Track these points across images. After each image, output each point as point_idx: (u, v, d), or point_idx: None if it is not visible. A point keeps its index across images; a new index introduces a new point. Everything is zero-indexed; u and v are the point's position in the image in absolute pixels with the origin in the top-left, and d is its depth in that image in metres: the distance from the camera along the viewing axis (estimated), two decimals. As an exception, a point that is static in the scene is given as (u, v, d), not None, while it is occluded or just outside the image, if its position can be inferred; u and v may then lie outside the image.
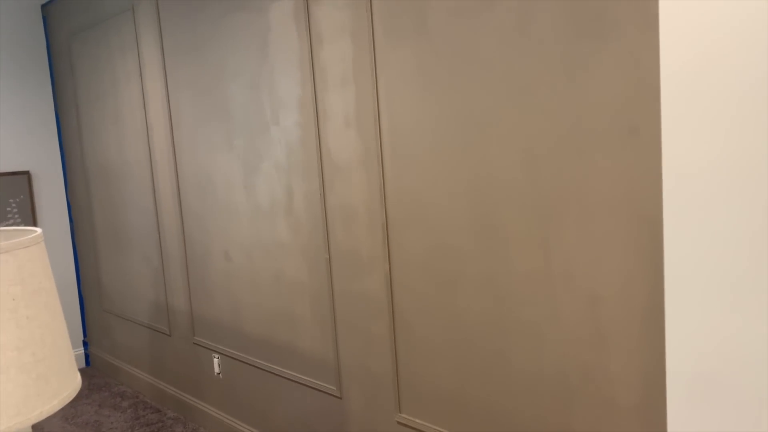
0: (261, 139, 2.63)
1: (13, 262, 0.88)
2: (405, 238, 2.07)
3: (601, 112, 1.53)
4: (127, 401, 3.78)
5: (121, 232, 3.84)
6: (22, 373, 0.86)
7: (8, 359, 0.85)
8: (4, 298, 0.86)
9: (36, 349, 0.89)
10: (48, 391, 0.90)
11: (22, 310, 0.88)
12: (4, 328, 0.85)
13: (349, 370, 2.39)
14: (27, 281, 0.90)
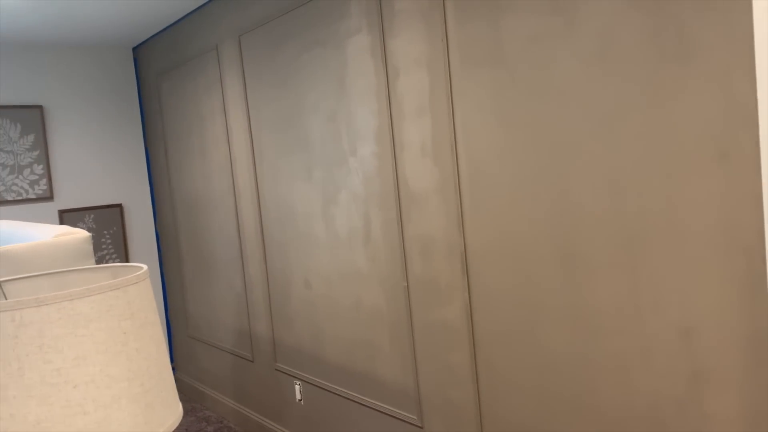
0: (339, 169, 2.70)
1: (123, 297, 0.94)
2: (485, 268, 2.06)
3: (690, 136, 1.49)
4: (212, 426, 3.89)
5: (207, 260, 4.00)
6: (132, 403, 0.92)
7: (120, 390, 0.90)
8: (116, 332, 0.92)
9: (144, 380, 0.94)
10: (155, 420, 0.95)
11: (131, 343, 0.94)
12: (116, 360, 0.91)
13: (430, 400, 2.38)
14: (136, 316, 0.96)
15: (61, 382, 0.85)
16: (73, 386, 0.86)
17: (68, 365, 0.86)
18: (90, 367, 0.87)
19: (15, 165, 4.06)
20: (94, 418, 0.87)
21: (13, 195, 4.05)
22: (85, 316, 0.88)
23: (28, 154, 4.11)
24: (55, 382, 0.85)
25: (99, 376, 0.88)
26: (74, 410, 0.85)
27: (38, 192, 4.13)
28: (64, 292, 0.86)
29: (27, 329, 0.84)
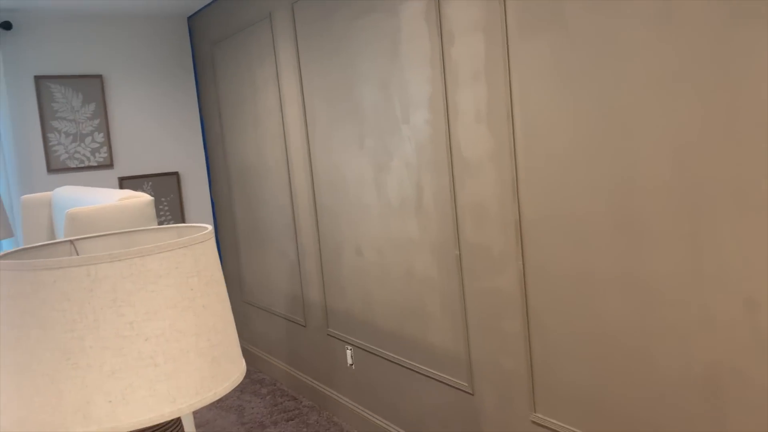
0: (391, 137, 2.69)
1: (190, 255, 0.97)
2: (540, 236, 2.04)
3: (758, 101, 1.43)
4: (266, 388, 4.01)
5: (260, 228, 4.08)
6: (199, 357, 0.95)
7: (188, 344, 0.94)
8: (184, 288, 0.95)
9: (211, 335, 0.97)
10: (221, 375, 0.98)
11: (198, 300, 0.97)
12: (185, 316, 0.94)
13: (481, 367, 2.39)
14: (202, 273, 0.99)
15: (134, 335, 0.89)
16: (145, 339, 0.89)
17: (140, 319, 0.89)
18: (160, 321, 0.91)
19: (77, 133, 4.20)
20: (164, 369, 0.90)
21: (76, 162, 4.20)
22: (155, 272, 0.91)
23: (89, 123, 4.24)
24: (128, 335, 0.89)
25: (168, 330, 0.91)
26: (146, 362, 0.89)
27: (99, 159, 4.27)
28: (135, 249, 0.90)
29: (101, 284, 0.88)
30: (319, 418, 3.47)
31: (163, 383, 0.89)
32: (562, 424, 2.07)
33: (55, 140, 4.13)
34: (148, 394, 0.88)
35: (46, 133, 4.10)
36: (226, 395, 3.91)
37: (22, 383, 0.88)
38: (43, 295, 0.87)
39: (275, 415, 3.55)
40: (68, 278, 0.87)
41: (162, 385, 0.89)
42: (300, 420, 3.46)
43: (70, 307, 0.87)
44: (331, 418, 3.45)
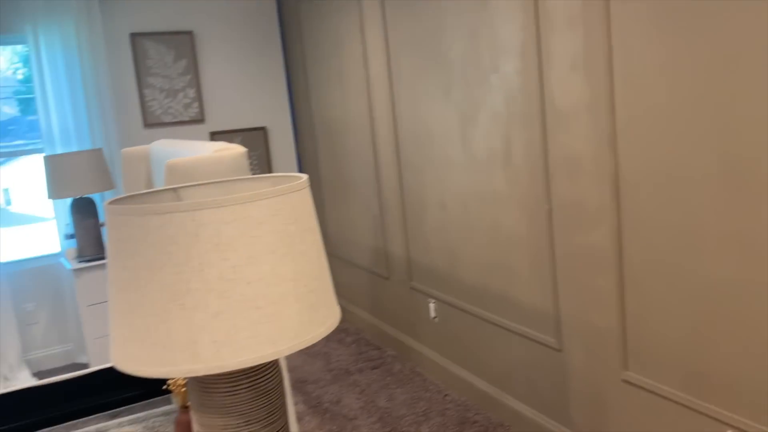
0: (479, 88, 2.62)
1: (288, 203, 0.98)
2: (638, 190, 1.94)
3: None
4: (351, 337, 4.11)
5: (345, 182, 4.12)
6: (298, 302, 0.97)
7: (287, 288, 0.96)
8: (283, 235, 0.96)
9: (308, 281, 0.99)
10: (318, 319, 1.00)
11: (296, 246, 0.98)
12: (284, 261, 0.96)
13: (570, 323, 2.34)
14: (299, 221, 1.00)
15: (237, 279, 0.91)
16: (247, 283, 0.92)
17: (242, 263, 0.91)
18: (261, 266, 0.93)
19: (170, 89, 4.35)
20: (266, 312, 0.93)
21: (170, 117, 4.36)
22: (256, 218, 0.93)
23: (181, 79, 4.37)
24: (231, 278, 0.91)
25: (269, 274, 0.93)
26: (248, 304, 0.92)
27: (191, 114, 4.42)
28: (236, 195, 0.91)
29: (206, 229, 0.90)
30: (402, 367, 3.53)
31: (264, 325, 0.92)
32: (656, 383, 2.00)
33: (150, 96, 4.29)
34: (250, 336, 0.91)
35: (142, 89, 4.26)
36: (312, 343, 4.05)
37: (134, 322, 0.92)
38: (151, 238, 0.90)
39: (360, 363, 3.64)
40: (175, 223, 0.90)
41: (263, 328, 0.92)
42: (384, 369, 3.54)
43: (177, 251, 0.90)
44: (414, 368, 3.51)
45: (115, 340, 0.96)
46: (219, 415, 1.00)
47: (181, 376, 0.89)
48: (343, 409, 3.11)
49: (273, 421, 1.03)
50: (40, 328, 4.17)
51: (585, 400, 2.34)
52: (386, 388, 3.30)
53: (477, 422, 2.85)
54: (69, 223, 4.05)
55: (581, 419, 2.37)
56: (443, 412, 2.97)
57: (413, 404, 3.08)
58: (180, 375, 0.90)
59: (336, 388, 3.36)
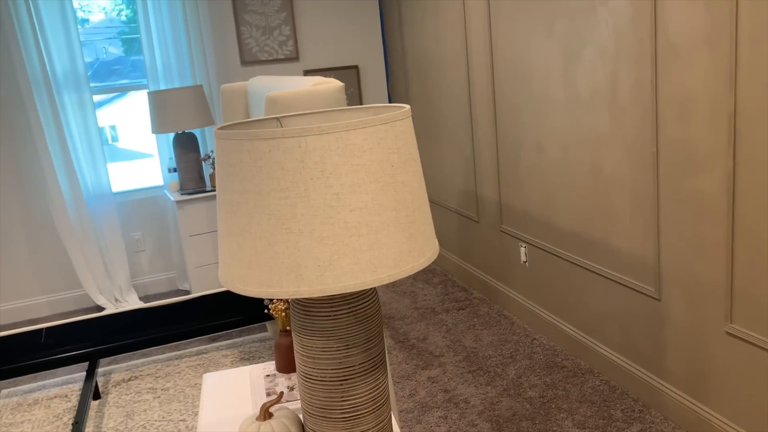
0: (584, 21, 2.47)
1: (391, 132, 0.97)
2: (758, 131, 1.79)
3: None
4: (438, 278, 4.14)
5: (436, 122, 4.06)
6: (398, 231, 0.97)
7: (388, 218, 0.95)
8: (385, 164, 0.96)
9: (409, 212, 0.98)
10: (417, 250, 0.99)
11: (398, 176, 0.97)
12: (386, 191, 0.95)
13: (671, 273, 2.24)
14: (401, 150, 0.98)
15: (340, 206, 0.92)
16: (350, 210, 0.92)
17: (345, 191, 0.92)
18: (363, 194, 0.93)
19: (266, 26, 4.39)
20: (367, 240, 0.93)
21: (265, 55, 4.42)
22: (359, 147, 0.92)
23: (277, 16, 4.40)
24: (334, 205, 0.92)
25: (371, 203, 0.93)
26: (350, 231, 0.92)
27: (286, 52, 4.45)
28: (341, 122, 0.91)
29: (311, 155, 0.91)
30: (489, 310, 3.53)
31: (365, 253, 0.93)
32: (764, 337, 1.89)
33: (247, 33, 4.35)
34: (352, 262, 0.92)
35: (239, 26, 4.33)
36: (400, 281, 4.11)
37: (243, 244, 0.95)
38: (260, 163, 0.92)
39: (446, 304, 3.67)
40: (282, 149, 0.91)
41: (365, 255, 0.93)
42: (470, 310, 3.55)
43: (284, 176, 0.91)
44: (501, 311, 3.50)
45: (224, 262, 1.00)
46: (319, 338, 1.03)
47: (286, 297, 0.92)
48: (429, 346, 3.16)
49: (371, 347, 1.05)
50: (147, 255, 4.45)
51: (684, 351, 2.25)
52: (472, 328, 3.31)
53: (565, 367, 2.82)
54: (172, 157, 4.24)
55: (679, 371, 2.30)
56: (530, 356, 2.96)
57: (500, 346, 3.09)
58: (285, 296, 0.93)
59: (423, 326, 3.41)
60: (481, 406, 2.58)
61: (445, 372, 2.89)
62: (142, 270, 4.46)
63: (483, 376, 2.81)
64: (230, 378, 1.56)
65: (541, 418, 2.45)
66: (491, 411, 2.54)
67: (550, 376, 2.76)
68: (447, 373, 2.87)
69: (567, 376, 2.75)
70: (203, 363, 3.26)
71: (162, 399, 2.91)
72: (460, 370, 2.89)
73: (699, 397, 2.21)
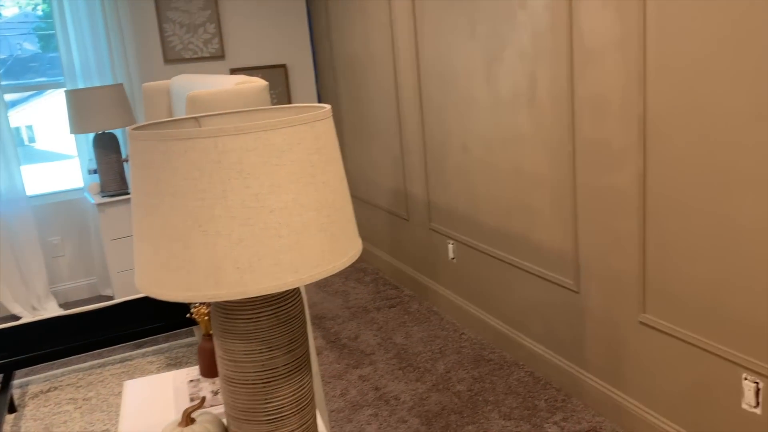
0: (505, 24, 2.54)
1: (311, 132, 0.97)
2: (666, 130, 1.90)
3: None
4: (369, 276, 4.16)
5: (365, 121, 4.08)
6: (320, 231, 0.97)
7: (309, 218, 0.96)
8: (306, 164, 0.96)
9: (330, 211, 0.99)
10: (339, 250, 1.00)
11: (319, 176, 0.97)
12: (306, 191, 0.96)
13: (589, 265, 2.34)
14: (322, 150, 0.99)
15: (259, 207, 0.91)
16: (270, 211, 0.92)
17: (265, 191, 0.91)
18: (284, 194, 0.92)
19: (191, 24, 4.29)
20: (287, 241, 0.93)
21: (190, 53, 4.31)
22: (278, 147, 0.92)
23: (202, 14, 4.30)
24: (253, 206, 0.91)
25: (291, 203, 0.93)
26: (270, 233, 0.92)
27: (211, 50, 4.36)
28: (259, 122, 0.90)
29: (228, 156, 0.90)
30: (419, 306, 3.58)
31: (286, 254, 0.92)
32: (674, 326, 2.01)
33: (170, 31, 4.24)
34: (273, 263, 0.92)
35: (162, 24, 4.21)
36: (331, 281, 4.10)
37: (159, 247, 0.93)
38: (174, 164, 0.90)
39: (378, 302, 3.70)
40: (197, 149, 0.89)
41: (285, 256, 0.92)
42: (401, 307, 3.59)
43: (200, 177, 0.90)
44: (431, 307, 3.55)
45: (139, 266, 0.97)
46: (241, 341, 1.02)
47: (205, 300, 0.91)
48: (360, 345, 3.17)
49: (294, 348, 1.05)
50: (66, 260, 4.27)
51: (601, 341, 2.36)
52: (403, 325, 3.35)
53: (492, 360, 2.89)
54: (92, 158, 4.08)
55: (597, 360, 2.40)
56: (459, 350, 3.02)
57: (429, 342, 3.13)
58: (204, 299, 0.91)
59: (354, 325, 3.42)
60: (410, 402, 2.61)
61: (376, 370, 2.91)
62: (61, 276, 4.27)
63: (413, 373, 2.85)
64: (153, 384, 1.52)
65: (469, 411, 2.51)
66: (421, 407, 2.58)
67: (478, 369, 2.82)
68: (378, 371, 2.90)
69: (493, 369, 2.82)
70: (128, 371, 3.16)
71: (84, 409, 2.81)
72: (390, 368, 2.92)
73: (616, 384, 2.32)
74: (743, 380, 1.80)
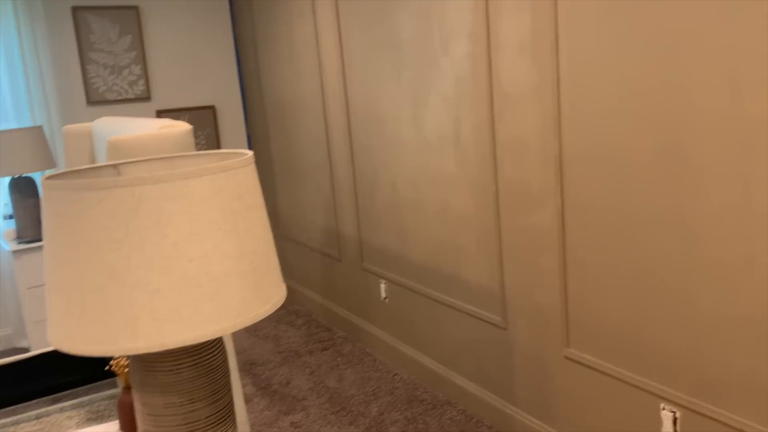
0: (430, 70, 2.63)
1: (233, 179, 0.97)
2: (581, 172, 1.99)
3: (828, 27, 1.34)
4: (301, 319, 4.10)
5: (296, 163, 4.08)
6: (242, 279, 0.96)
7: (231, 266, 0.95)
8: (227, 211, 0.96)
9: (252, 258, 0.98)
10: (262, 297, 0.99)
11: (240, 223, 0.97)
12: (227, 238, 0.95)
13: (515, 302, 2.40)
14: (244, 197, 0.99)
15: (178, 256, 0.90)
16: (189, 260, 0.90)
17: (184, 240, 0.90)
18: (203, 243, 0.92)
19: (115, 65, 4.21)
20: (207, 290, 0.92)
21: (114, 95, 4.23)
22: (198, 194, 0.91)
23: (127, 55, 4.24)
24: (172, 255, 0.90)
25: (212, 252, 0.92)
26: (190, 282, 0.90)
27: (137, 92, 4.29)
28: (178, 170, 0.90)
29: (146, 205, 0.88)
30: (353, 348, 3.55)
31: (206, 303, 0.91)
32: (596, 359, 2.07)
33: (94, 72, 4.15)
34: (192, 314, 0.90)
35: (84, 65, 4.11)
36: (262, 325, 4.03)
37: (73, 300, 0.90)
38: (90, 214, 0.88)
39: (310, 345, 3.65)
40: (114, 199, 0.88)
41: (206, 305, 0.91)
42: (334, 350, 3.55)
43: (117, 227, 0.88)
44: (364, 349, 3.53)
45: (52, 319, 0.94)
46: (161, 394, 0.99)
47: (121, 354, 0.88)
48: (292, 390, 3.11)
49: (217, 399, 1.03)
50: (-23, 311, 4.02)
51: (529, 377, 2.40)
52: (336, 368, 3.31)
53: (425, 400, 2.89)
54: (8, 203, 3.90)
55: (526, 396, 2.44)
56: (392, 391, 3.01)
57: (363, 384, 3.11)
58: (120, 353, 0.88)
59: (286, 370, 3.35)
60: (344, 447, 2.57)
61: (308, 416, 2.86)
62: (-29, 328, 4.01)
63: (346, 416, 2.81)
64: (68, 443, 1.44)
65: (404, 453, 2.49)
66: (355, 451, 2.54)
67: (411, 410, 2.82)
68: (310, 417, 2.84)
69: (427, 409, 2.82)
70: (43, 427, 2.97)
71: (-7, 472, 2.61)
72: (323, 412, 2.87)
73: (545, 419, 2.36)
74: (661, 410, 1.88)
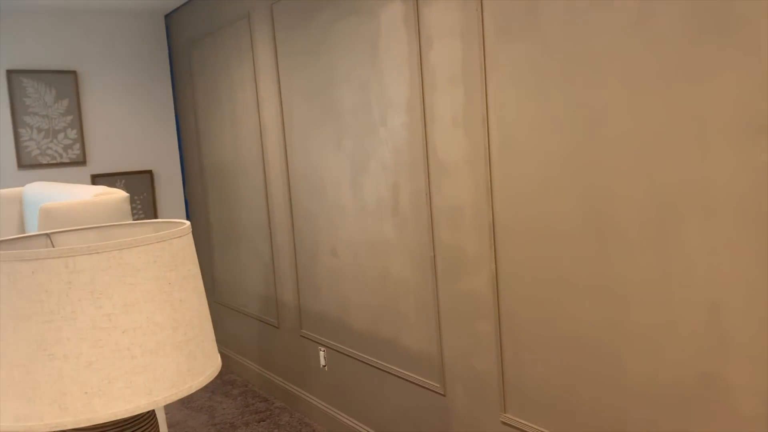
0: (369, 139, 2.71)
1: (168, 249, 0.98)
2: (512, 239, 2.08)
3: (726, 110, 1.48)
4: (237, 389, 3.99)
5: (234, 228, 4.06)
6: (176, 350, 0.96)
7: (165, 337, 0.94)
8: (162, 282, 0.96)
9: (187, 329, 0.98)
10: (197, 368, 0.99)
11: (176, 294, 0.97)
12: (162, 309, 0.95)
13: (453, 368, 2.42)
14: (179, 268, 0.99)
15: (111, 327, 0.89)
16: (122, 331, 0.90)
17: (117, 311, 0.90)
18: (137, 314, 0.91)
19: (50, 129, 4.14)
20: (141, 362, 0.91)
21: (47, 159, 4.14)
22: (133, 265, 0.92)
23: (63, 119, 4.18)
24: (105, 327, 0.89)
25: (146, 323, 0.92)
26: (123, 354, 0.90)
27: (72, 156, 4.22)
28: (113, 241, 0.90)
29: (79, 276, 0.88)
30: (290, 419, 3.46)
31: (139, 375, 0.90)
32: (531, 424, 2.10)
33: (27, 136, 4.06)
34: (124, 386, 0.89)
35: (17, 129, 4.03)
36: (197, 396, 3.89)
37: (-3, 374, 0.87)
38: (20, 286, 0.87)
39: (246, 416, 3.54)
40: (46, 270, 0.87)
41: (138, 377, 0.90)
42: (271, 421, 3.45)
43: (48, 299, 0.87)
44: (302, 419, 3.45)
45: (-27, 395, 0.90)
46: (88, 472, 0.95)
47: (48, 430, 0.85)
48: (227, 464, 2.99)
49: (147, 475, 1.00)
50: None
51: (468, 443, 2.40)
52: (274, 439, 3.22)
53: (365, 471, 2.83)
54: (-75, 270, 3.70)
55: (465, 462, 2.43)
56: (331, 462, 2.93)
57: (301, 455, 3.02)
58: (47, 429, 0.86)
59: (221, 442, 3.23)
60: None
61: (244, 490, 2.74)
62: None
63: (284, 490, 2.72)
64: None
65: None
66: None
67: (351, 481, 2.75)
68: (246, 492, 2.73)
69: (367, 479, 2.76)
70: None
71: None
72: (259, 487, 2.76)
73: (485, 485, 2.35)
74: (596, 473, 1.91)
